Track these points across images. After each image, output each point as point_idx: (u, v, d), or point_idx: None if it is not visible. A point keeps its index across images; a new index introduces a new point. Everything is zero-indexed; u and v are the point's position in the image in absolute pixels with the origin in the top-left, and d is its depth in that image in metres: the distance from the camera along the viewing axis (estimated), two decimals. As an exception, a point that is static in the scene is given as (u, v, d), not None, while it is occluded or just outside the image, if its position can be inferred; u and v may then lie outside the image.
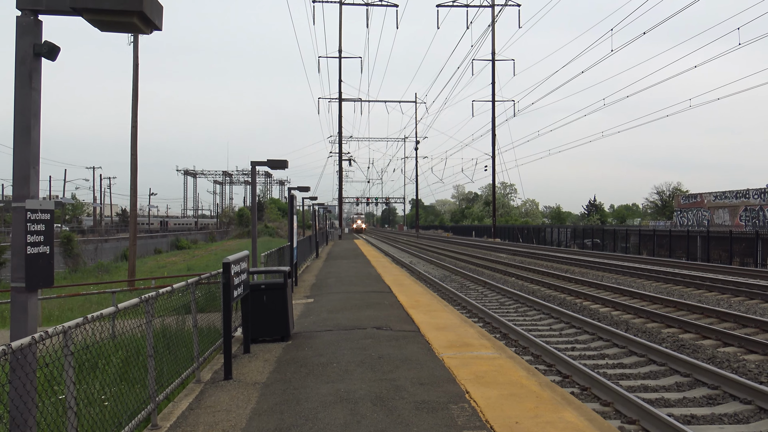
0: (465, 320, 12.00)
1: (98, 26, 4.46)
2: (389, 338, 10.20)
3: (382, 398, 6.74)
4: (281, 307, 10.28)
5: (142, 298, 6.14)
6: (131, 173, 25.97)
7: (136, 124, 25.79)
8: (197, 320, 8.18)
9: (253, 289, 10.04)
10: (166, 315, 7.77)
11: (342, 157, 65.63)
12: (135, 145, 25.89)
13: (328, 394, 6.95)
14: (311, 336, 10.62)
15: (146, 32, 4.36)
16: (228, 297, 7.92)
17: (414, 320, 11.94)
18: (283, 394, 7.05)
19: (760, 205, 60.79)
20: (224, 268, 7.90)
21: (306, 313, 13.25)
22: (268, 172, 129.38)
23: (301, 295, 16.64)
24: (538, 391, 6.88)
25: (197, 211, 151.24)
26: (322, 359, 8.76)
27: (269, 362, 8.75)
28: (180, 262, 49.29)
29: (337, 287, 18.48)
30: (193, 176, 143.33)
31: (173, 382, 7.01)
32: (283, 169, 14.45)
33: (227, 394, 7.18)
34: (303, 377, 7.80)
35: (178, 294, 7.86)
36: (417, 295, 16.18)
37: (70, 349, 4.55)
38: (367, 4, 57.62)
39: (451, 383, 7.30)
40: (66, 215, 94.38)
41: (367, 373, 7.91)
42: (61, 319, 18.30)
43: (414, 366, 8.20)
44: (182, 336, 8.15)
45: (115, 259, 55.74)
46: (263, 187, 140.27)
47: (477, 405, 6.40)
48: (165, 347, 7.45)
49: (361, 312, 13.18)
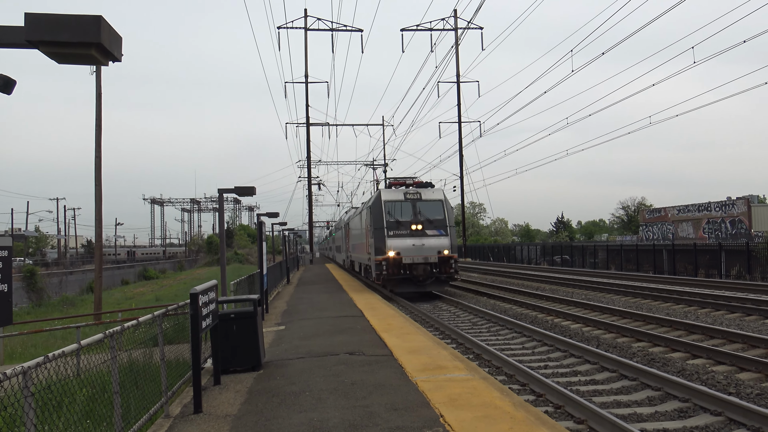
0: (438, 342, 11.97)
1: (56, 59, 4.38)
2: (362, 363, 10.11)
3: (356, 426, 6.65)
4: (251, 335, 10.13)
5: (106, 333, 5.99)
6: (96, 203, 25.50)
7: (100, 154, 25.40)
8: (165, 353, 8.01)
9: (223, 319, 9.88)
10: (133, 348, 7.59)
11: (311, 182, 65.46)
12: (99, 174, 25.46)
13: (301, 424, 6.84)
14: (283, 364, 10.47)
15: (104, 64, 4.30)
16: (196, 328, 7.77)
17: (387, 344, 11.87)
18: (254, 426, 6.91)
19: (722, 217, 62.24)
20: (191, 299, 7.76)
21: (277, 341, 13.08)
22: (237, 198, 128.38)
23: (273, 323, 16.43)
24: (512, 412, 6.87)
25: (165, 240, 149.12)
26: (295, 388, 8.64)
27: (240, 393, 8.59)
28: (148, 293, 48.36)
29: (309, 313, 18.30)
30: (161, 204, 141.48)
31: (141, 418, 6.82)
32: (251, 195, 14.35)
33: (197, 428, 7.01)
34: (275, 407, 7.67)
35: (144, 327, 7.69)
36: (389, 318, 16.11)
37: (30, 390, 4.40)
38: (332, 30, 58.03)
39: (425, 407, 7.24)
40: (29, 248, 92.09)
41: (341, 400, 7.81)
42: (24, 356, 17.74)
43: (387, 391, 8.13)
44: (150, 370, 7.96)
45: (80, 291, 54.43)
46: (232, 214, 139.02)
47: (452, 428, 6.35)
48: (132, 382, 7.27)
49: (333, 338, 13.06)
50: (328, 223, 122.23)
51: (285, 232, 41.69)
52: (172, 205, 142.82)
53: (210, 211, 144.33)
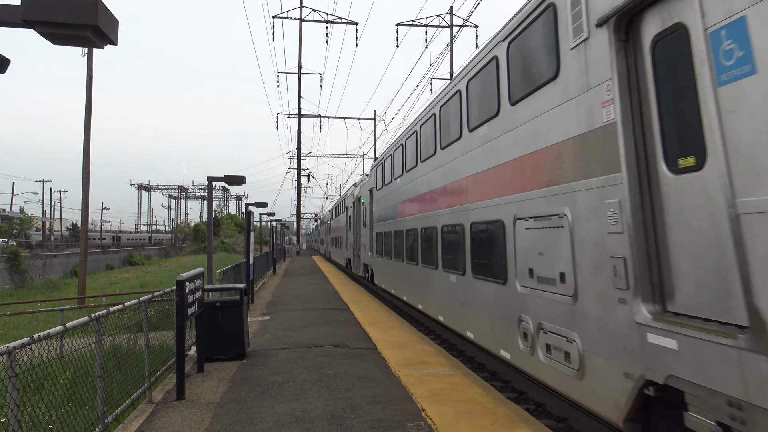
0: (422, 337, 12.03)
1: (51, 39, 4.37)
2: (346, 356, 10.15)
3: (338, 417, 6.69)
4: (236, 325, 10.13)
5: (91, 317, 5.98)
6: (83, 187, 25.31)
7: (89, 138, 25.21)
8: (149, 339, 8.00)
9: (208, 307, 9.88)
10: (117, 334, 7.58)
11: (301, 173, 65.34)
12: (87, 158, 25.27)
13: (284, 414, 6.87)
14: (267, 354, 10.49)
15: (100, 46, 4.29)
16: (182, 315, 7.78)
17: (371, 337, 11.91)
18: (237, 414, 6.93)
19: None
20: (178, 285, 7.76)
21: (262, 331, 13.08)
22: (225, 188, 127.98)
23: (258, 313, 16.43)
24: (493, 408, 6.93)
25: (152, 227, 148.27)
26: (278, 378, 8.66)
27: (224, 381, 8.60)
28: (133, 279, 48.10)
29: (294, 304, 18.31)
30: (148, 191, 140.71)
31: (123, 403, 6.82)
32: (240, 184, 14.32)
33: (179, 415, 7.02)
34: (258, 396, 7.69)
35: (129, 312, 7.68)
36: (374, 312, 16.15)
37: (14, 370, 4.40)
38: (328, 22, 57.82)
39: (408, 401, 7.29)
40: (13, 229, 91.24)
41: (324, 391, 7.85)
42: (5, 338, 17.62)
43: (370, 384, 8.18)
44: (134, 355, 7.96)
45: (64, 275, 54.05)
46: (220, 203, 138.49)
47: (433, 423, 6.41)
48: (115, 367, 7.26)
49: (318, 329, 13.09)
50: (317, 216, 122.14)
51: (273, 223, 41.60)
52: (160, 192, 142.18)
53: (198, 199, 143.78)
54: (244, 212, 20.32)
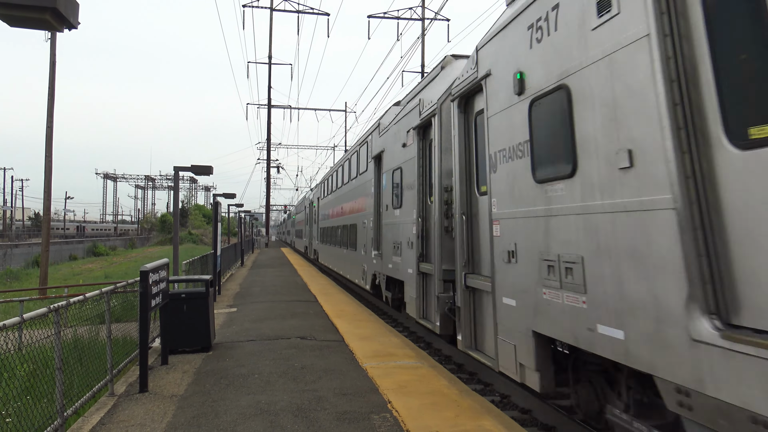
0: (390, 329, 12.05)
1: (8, 21, 4.23)
2: (313, 348, 10.12)
3: (304, 409, 6.67)
4: (202, 316, 10.02)
5: (51, 308, 5.84)
6: (45, 175, 24.74)
7: (51, 125, 24.62)
8: (112, 331, 7.86)
9: (173, 298, 9.75)
10: (78, 325, 7.43)
11: (270, 164, 64.83)
12: (50, 145, 24.69)
13: (248, 406, 6.82)
14: (233, 346, 10.39)
15: (60, 30, 4.17)
16: (145, 306, 7.65)
17: (339, 330, 11.89)
18: (201, 407, 6.85)
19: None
20: (142, 276, 7.64)
21: (228, 323, 12.96)
22: (193, 178, 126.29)
23: (224, 305, 16.27)
24: (458, 400, 6.98)
25: (117, 217, 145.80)
26: (244, 370, 8.59)
27: (188, 374, 8.49)
28: (97, 270, 47.23)
29: (262, 296, 18.18)
30: (114, 180, 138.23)
31: (83, 396, 6.69)
32: (208, 174, 14.13)
33: (142, 408, 6.91)
34: (223, 389, 7.61)
35: (91, 303, 7.52)
36: (342, 304, 16.13)
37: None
38: (299, 12, 57.36)
39: (374, 393, 7.30)
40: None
41: (290, 384, 7.81)
42: (-38, 329, 17.13)
43: (337, 376, 8.16)
44: (95, 347, 7.80)
45: (26, 265, 52.77)
46: (188, 193, 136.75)
47: (399, 415, 6.42)
48: (76, 359, 7.11)
49: (285, 321, 13.01)
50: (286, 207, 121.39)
51: (241, 214, 41.22)
52: (126, 182, 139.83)
53: (165, 189, 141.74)
54: (212, 203, 20.08)
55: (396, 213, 12.97)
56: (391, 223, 13.47)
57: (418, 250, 10.97)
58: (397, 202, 12.79)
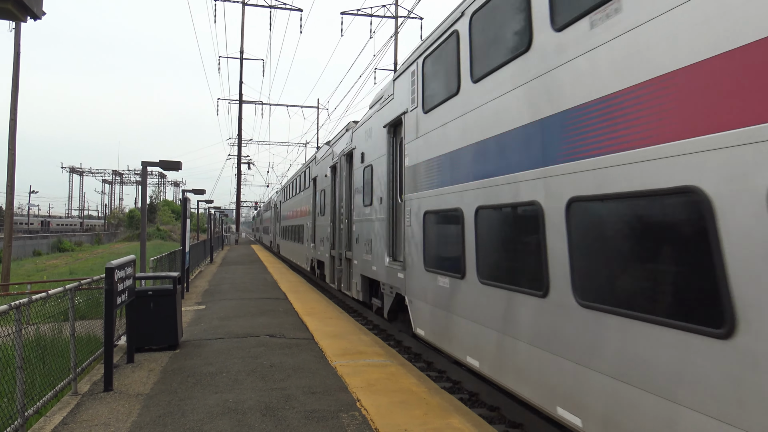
0: (360, 327, 12.04)
1: (-33, 10, 4.10)
2: (282, 346, 10.05)
3: (272, 408, 6.62)
4: (169, 314, 9.88)
5: (11, 305, 5.70)
6: (8, 168, 24.18)
7: (15, 117, 24.04)
8: (76, 328, 7.70)
9: (140, 295, 9.59)
10: (41, 323, 7.26)
11: (241, 160, 64.23)
12: (13, 139, 24.12)
13: (216, 405, 6.74)
14: (201, 344, 10.27)
15: (22, 20, 4.05)
16: (110, 303, 7.51)
17: (308, 328, 11.84)
18: (167, 406, 6.75)
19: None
20: (107, 273, 7.50)
21: (196, 321, 12.81)
22: (162, 173, 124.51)
23: (193, 302, 16.07)
24: (427, 398, 7.00)
25: (83, 212, 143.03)
26: (211, 368, 8.49)
27: (154, 372, 8.37)
28: (62, 266, 46.29)
29: (231, 294, 18.01)
30: (80, 174, 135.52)
31: (46, 395, 6.54)
32: (177, 170, 13.93)
33: (106, 407, 6.79)
34: (190, 388, 7.52)
35: (54, 300, 7.36)
36: (313, 302, 16.07)
37: None
38: (271, 7, 56.85)
39: (343, 391, 7.28)
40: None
41: (258, 382, 7.74)
42: None
43: (306, 374, 8.12)
44: (59, 345, 7.64)
45: (-13, 261, 51.42)
46: (156, 189, 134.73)
47: (367, 413, 6.42)
48: (38, 358, 6.95)
49: (254, 319, 12.91)
50: (257, 204, 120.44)
51: (211, 211, 40.73)
52: (93, 176, 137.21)
53: (133, 185, 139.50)
54: (181, 199, 19.79)
55: (322, 218, 20.36)
56: (320, 225, 20.86)
57: (330, 241, 18.21)
58: (323, 211, 20.29)
